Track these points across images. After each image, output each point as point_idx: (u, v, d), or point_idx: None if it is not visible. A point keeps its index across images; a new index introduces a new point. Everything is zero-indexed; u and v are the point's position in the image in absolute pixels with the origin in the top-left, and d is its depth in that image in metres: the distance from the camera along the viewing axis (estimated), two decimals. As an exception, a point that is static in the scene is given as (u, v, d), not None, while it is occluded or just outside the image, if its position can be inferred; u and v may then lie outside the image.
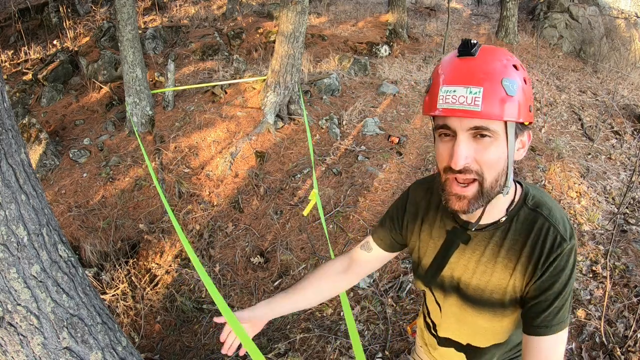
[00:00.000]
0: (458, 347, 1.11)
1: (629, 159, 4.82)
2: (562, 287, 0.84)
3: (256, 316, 1.18)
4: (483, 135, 0.78)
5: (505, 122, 0.78)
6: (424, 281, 1.08)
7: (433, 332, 1.18)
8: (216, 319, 1.17)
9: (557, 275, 0.84)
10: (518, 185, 0.94)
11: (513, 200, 0.91)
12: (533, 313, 0.86)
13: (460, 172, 0.79)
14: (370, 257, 1.17)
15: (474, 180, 0.81)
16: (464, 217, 0.94)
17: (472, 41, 0.77)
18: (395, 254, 1.18)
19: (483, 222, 0.91)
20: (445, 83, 0.77)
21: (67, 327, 1.41)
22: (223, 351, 1.15)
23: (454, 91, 0.76)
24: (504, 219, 0.90)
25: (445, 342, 1.13)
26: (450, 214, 0.97)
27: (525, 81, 0.78)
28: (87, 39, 7.17)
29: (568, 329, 0.88)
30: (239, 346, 1.17)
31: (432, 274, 1.03)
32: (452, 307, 1.03)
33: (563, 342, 0.86)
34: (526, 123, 0.80)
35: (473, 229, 0.92)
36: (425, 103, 0.83)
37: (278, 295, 1.20)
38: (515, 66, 0.77)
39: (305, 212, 3.50)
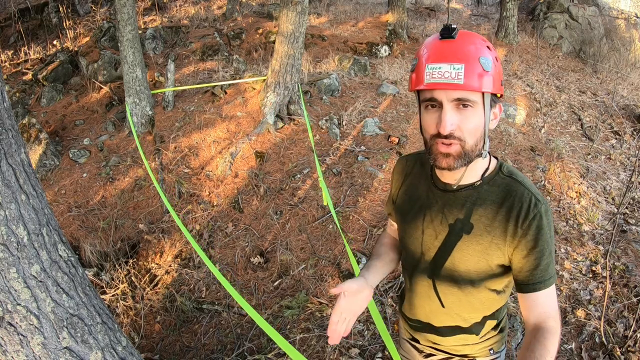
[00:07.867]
0: (429, 329, 1.18)
1: (628, 159, 4.82)
2: (546, 244, 0.94)
3: (370, 283, 1.14)
4: (465, 106, 0.90)
5: (483, 94, 0.91)
6: (427, 272, 1.11)
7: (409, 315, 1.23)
8: (334, 290, 1.04)
9: (539, 233, 0.94)
10: (493, 157, 1.06)
11: (487, 168, 1.03)
12: (527, 272, 0.96)
13: (446, 137, 0.92)
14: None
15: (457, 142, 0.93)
16: (445, 180, 1.05)
17: (452, 26, 0.90)
18: None
19: (462, 183, 1.02)
20: (431, 61, 0.90)
21: (67, 327, 1.41)
22: (332, 342, 1.04)
23: (439, 68, 0.88)
24: (479, 182, 1.01)
25: (419, 326, 1.20)
26: (433, 184, 1.08)
27: (496, 59, 0.92)
28: (87, 39, 7.17)
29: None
30: None
31: (436, 265, 1.08)
32: (442, 288, 1.09)
33: (555, 294, 0.99)
34: (498, 95, 0.95)
35: (455, 188, 1.03)
36: (411, 80, 0.96)
37: (373, 264, 1.22)
38: (488, 47, 0.92)
39: (325, 202, 3.61)
